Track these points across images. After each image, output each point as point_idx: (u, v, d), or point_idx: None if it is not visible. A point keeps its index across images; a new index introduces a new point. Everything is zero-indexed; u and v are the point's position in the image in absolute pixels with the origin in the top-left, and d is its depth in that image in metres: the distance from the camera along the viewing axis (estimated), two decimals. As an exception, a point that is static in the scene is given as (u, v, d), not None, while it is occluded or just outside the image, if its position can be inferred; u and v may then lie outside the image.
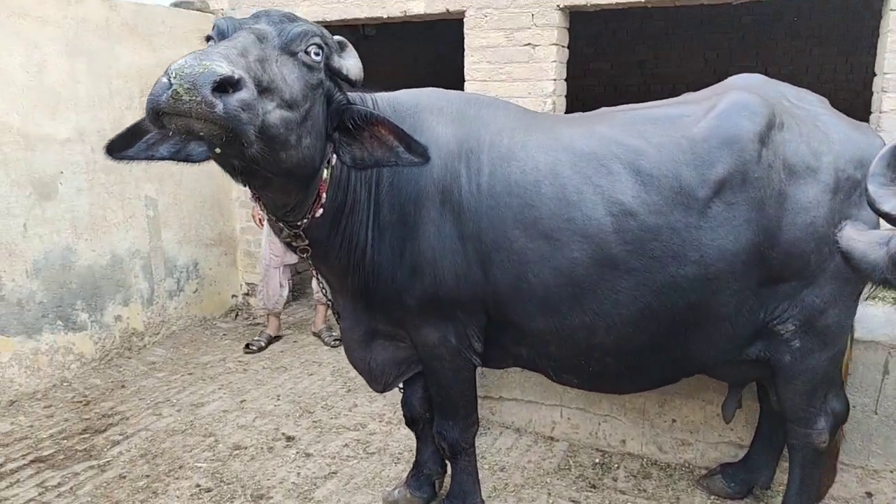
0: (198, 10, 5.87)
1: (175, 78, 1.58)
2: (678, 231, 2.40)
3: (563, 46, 4.54)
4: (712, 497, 3.29)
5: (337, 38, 2.24)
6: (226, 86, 1.63)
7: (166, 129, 1.69)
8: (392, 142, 2.18)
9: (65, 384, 4.61)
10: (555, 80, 4.49)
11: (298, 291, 6.46)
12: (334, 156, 2.33)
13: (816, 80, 8.41)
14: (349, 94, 2.45)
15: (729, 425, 3.46)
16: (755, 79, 2.72)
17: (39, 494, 3.33)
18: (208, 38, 2.06)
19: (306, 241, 2.44)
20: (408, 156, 2.18)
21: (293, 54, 2.00)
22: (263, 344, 5.32)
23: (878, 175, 1.39)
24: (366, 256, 2.55)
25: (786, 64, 8.56)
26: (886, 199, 1.34)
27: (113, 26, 4.99)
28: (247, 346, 5.29)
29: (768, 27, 8.58)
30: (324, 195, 2.33)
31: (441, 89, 2.78)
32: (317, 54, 2.03)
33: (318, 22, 5.28)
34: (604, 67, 9.64)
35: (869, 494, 3.28)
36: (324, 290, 2.90)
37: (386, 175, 2.51)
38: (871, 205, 1.37)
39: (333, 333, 5.43)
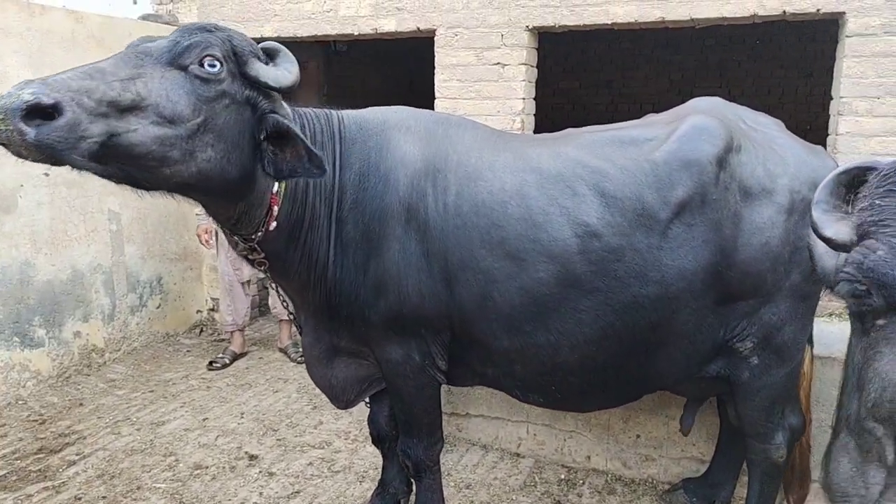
0: (166, 23, 5.82)
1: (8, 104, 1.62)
2: (640, 252, 2.44)
3: (531, 66, 4.61)
4: (676, 513, 3.32)
5: (267, 44, 2.24)
6: (40, 112, 1.65)
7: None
8: (301, 151, 2.16)
9: (20, 402, 4.47)
10: (524, 98, 4.55)
11: (264, 307, 6.39)
12: None
13: (778, 101, 8.65)
14: (301, 109, 2.48)
15: (691, 441, 3.51)
16: (715, 102, 2.79)
17: (-11, 518, 3.22)
18: None
19: (262, 255, 2.45)
20: (310, 166, 2.16)
21: (183, 68, 1.99)
22: (228, 361, 5.24)
23: (822, 202, 1.44)
24: (327, 272, 2.54)
25: (748, 85, 8.80)
26: (828, 225, 1.39)
27: (79, 38, 4.92)
28: (210, 362, 5.21)
29: (731, 49, 8.82)
30: (275, 208, 2.33)
31: (410, 108, 2.78)
32: (212, 66, 2.00)
33: (288, 38, 5.30)
34: (572, 86, 9.80)
35: (827, 508, 3.34)
36: (285, 304, 2.89)
37: (349, 192, 2.50)
38: (815, 230, 1.42)
39: (300, 349, 5.36)
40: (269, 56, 2.23)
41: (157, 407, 4.48)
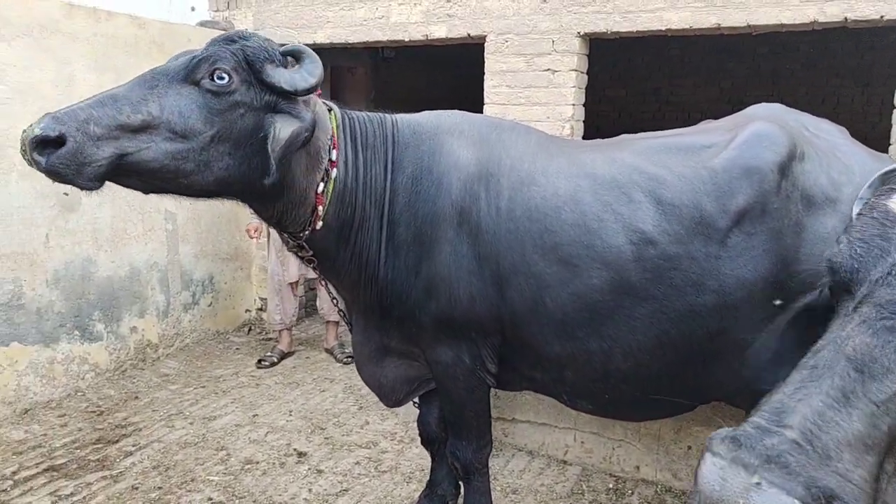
0: (222, 29, 5.98)
1: (21, 138, 1.91)
2: (697, 260, 2.41)
3: (582, 72, 4.60)
4: (727, 526, 3.26)
5: (291, 47, 2.27)
6: (52, 143, 1.89)
7: None
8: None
9: (79, 394, 4.64)
10: (573, 105, 4.54)
11: (311, 308, 6.49)
12: (335, 170, 2.42)
13: (833, 111, 8.42)
14: (355, 113, 2.57)
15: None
16: (776, 108, 2.74)
17: (52, 503, 3.34)
18: None
19: (311, 252, 2.53)
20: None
21: (196, 83, 2.10)
22: (276, 359, 5.34)
23: (862, 199, 1.42)
24: (378, 273, 2.58)
25: (802, 94, 8.59)
26: None
27: (141, 43, 5.10)
28: (259, 361, 5.32)
29: (784, 58, 8.63)
30: (320, 208, 2.40)
31: (463, 112, 2.81)
32: (221, 78, 2.09)
33: (340, 44, 5.40)
34: (619, 94, 9.71)
35: None
36: (335, 301, 2.96)
37: (401, 194, 2.54)
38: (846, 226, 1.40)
39: (346, 350, 5.44)
40: (296, 58, 2.26)
41: (208, 402, 4.60)
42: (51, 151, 1.89)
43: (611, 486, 3.62)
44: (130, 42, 5.02)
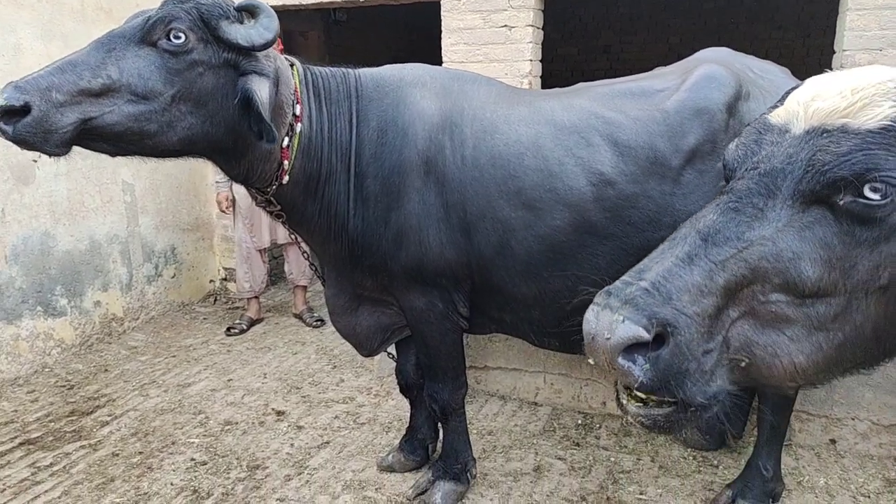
0: (168, -6, 5.83)
1: None
2: (653, 198, 2.54)
3: (538, 28, 4.66)
4: (689, 449, 3.48)
5: (242, 3, 2.26)
6: (18, 112, 1.93)
7: None
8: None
9: (46, 370, 4.58)
10: (531, 60, 4.61)
11: (276, 276, 6.50)
12: (299, 125, 2.45)
13: (777, 61, 8.71)
14: (317, 69, 2.59)
15: (703, 384, 3.66)
16: (723, 52, 2.89)
17: (32, 474, 3.34)
18: None
19: (279, 207, 2.59)
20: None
21: (153, 44, 2.12)
22: (245, 326, 5.36)
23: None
24: (348, 224, 2.65)
25: (746, 48, 8.81)
26: None
27: (88, 10, 4.94)
28: (229, 328, 5.32)
29: (729, 11, 8.85)
30: (286, 163, 2.44)
31: (424, 65, 2.86)
32: (178, 37, 2.11)
33: (293, 6, 5.32)
34: (571, 52, 9.82)
35: (833, 441, 3.51)
36: (306, 255, 3.03)
37: (367, 146, 2.60)
38: None
39: (315, 314, 5.49)
40: (251, 14, 2.26)
41: (181, 370, 4.61)
42: (16, 120, 1.92)
43: (580, 421, 3.81)
44: (77, 9, 4.86)
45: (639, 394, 1.31)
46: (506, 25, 4.59)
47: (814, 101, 1.31)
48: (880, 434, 3.47)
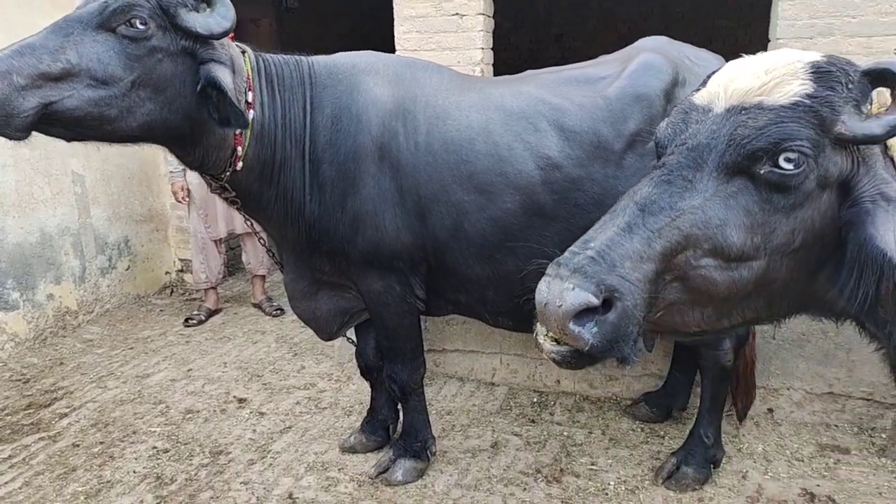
0: (115, -20, 5.71)
1: None
2: (598, 181, 2.67)
3: (489, 16, 4.75)
4: (638, 422, 3.66)
5: None
6: None
7: None
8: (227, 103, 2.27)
9: (0, 364, 4.51)
10: (482, 48, 4.71)
11: (233, 266, 6.47)
12: (251, 112, 2.50)
13: (721, 49, 9.00)
14: (269, 56, 2.62)
15: (650, 359, 3.85)
16: (661, 41, 3.04)
17: (-10, 468, 3.33)
18: None
19: (233, 193, 2.64)
20: (233, 120, 2.27)
21: (112, 30, 2.13)
22: (203, 317, 5.35)
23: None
24: (305, 210, 2.71)
25: (691, 36, 9.10)
26: None
27: (32, -2, 4.82)
28: (186, 319, 5.31)
29: (676, 4, 9.11)
30: (239, 149, 2.50)
31: (377, 52, 2.93)
32: (141, 24, 2.14)
33: (245, -7, 5.26)
34: (523, 41, 9.96)
35: (770, 410, 3.74)
36: (262, 241, 3.08)
37: (322, 133, 2.66)
38: None
39: (274, 303, 5.51)
40: (207, 3, 2.30)
41: (139, 362, 4.59)
42: None
43: (535, 400, 3.96)
44: (22, -5, 4.74)
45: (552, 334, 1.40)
46: (457, 14, 4.67)
47: (732, 83, 1.43)
48: (813, 402, 3.71)
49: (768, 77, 1.36)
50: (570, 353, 1.37)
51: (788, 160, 1.31)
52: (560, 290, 1.28)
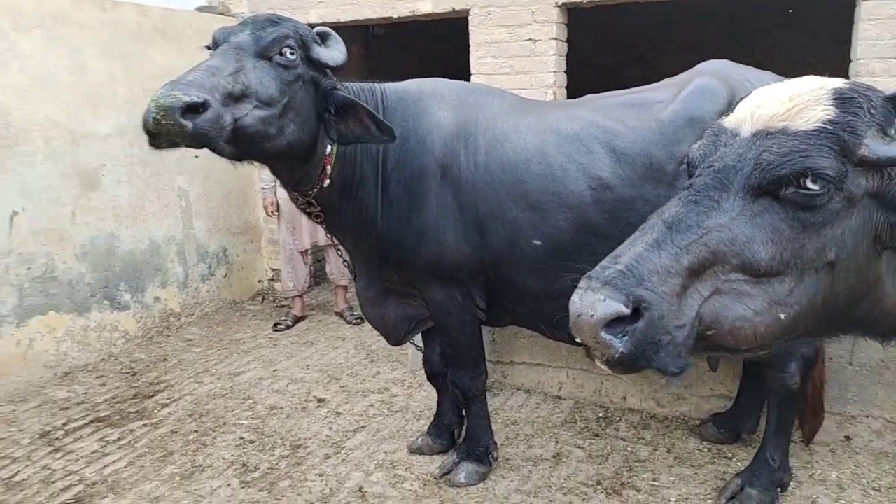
0: (220, 13, 6.28)
1: (154, 106, 2.03)
2: (650, 201, 2.72)
3: (561, 41, 4.92)
4: (705, 442, 3.66)
5: (319, 29, 2.62)
6: (194, 109, 2.06)
7: (158, 143, 2.13)
8: (366, 122, 2.56)
9: (112, 358, 5.03)
10: (555, 72, 4.87)
11: (319, 277, 6.87)
12: None
13: (813, 69, 8.69)
14: (349, 84, 2.87)
15: (719, 380, 3.84)
16: (721, 64, 3.10)
17: (101, 447, 3.74)
18: (209, 47, 2.49)
19: (318, 208, 2.90)
20: (379, 134, 2.57)
21: (269, 58, 2.40)
22: (290, 323, 5.74)
23: None
24: (376, 224, 2.94)
25: (780, 55, 8.89)
26: None
27: (144, 30, 5.40)
28: (275, 324, 5.71)
29: (759, 19, 8.91)
30: (328, 168, 2.75)
31: (444, 79, 3.16)
32: (292, 54, 2.42)
33: (331, 24, 5.70)
34: (605, 62, 9.99)
35: (847, 438, 3.64)
36: (339, 252, 3.32)
37: (392, 154, 2.90)
38: None
39: (355, 312, 5.82)
40: (322, 39, 2.63)
41: (231, 361, 5.00)
42: (192, 117, 2.06)
43: (600, 415, 4.02)
44: (134, 29, 5.32)
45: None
46: (530, 39, 4.86)
47: (758, 108, 1.51)
48: (895, 432, 3.58)
49: (792, 103, 1.44)
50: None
51: (814, 181, 1.38)
52: (592, 300, 1.36)
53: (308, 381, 4.61)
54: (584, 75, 9.52)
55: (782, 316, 1.50)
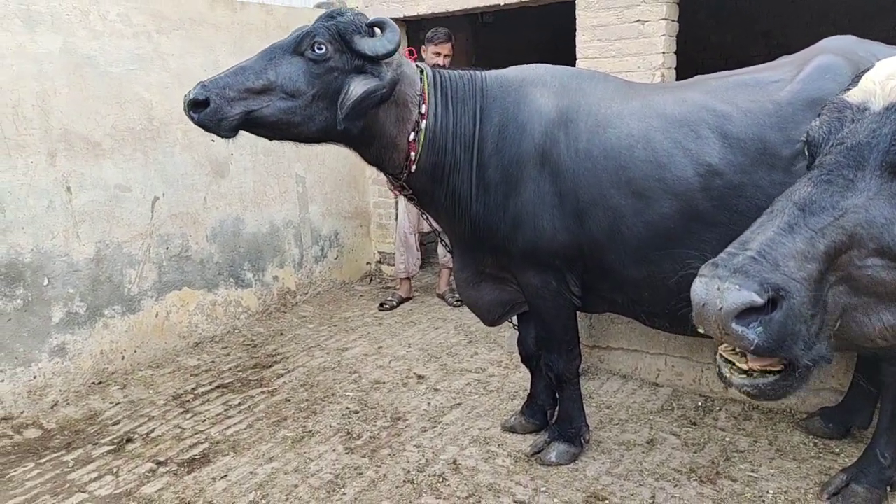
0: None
1: (185, 100, 2.56)
2: (762, 187, 2.60)
3: (672, 20, 4.76)
4: (811, 436, 3.50)
5: (375, 19, 2.77)
6: (202, 104, 2.52)
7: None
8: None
9: (236, 331, 5.52)
10: (664, 53, 4.72)
11: (424, 260, 7.10)
12: (424, 121, 2.89)
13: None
14: (446, 71, 3.01)
15: (830, 372, 3.63)
16: (846, 40, 2.87)
17: (225, 410, 4.15)
18: None
19: (410, 191, 3.06)
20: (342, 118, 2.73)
21: (301, 54, 2.64)
22: (395, 303, 6.01)
23: None
24: (471, 209, 3.03)
25: (926, 27, 8.04)
26: None
27: (269, 28, 5.80)
28: (381, 304, 6.01)
29: (906, -14, 8.09)
30: (412, 154, 2.88)
31: (547, 65, 3.17)
32: (320, 48, 2.62)
33: (441, 13, 5.83)
34: (724, 41, 9.49)
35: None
36: (436, 232, 3.45)
37: (489, 141, 2.96)
38: None
39: (455, 295, 5.99)
40: (380, 28, 2.75)
41: (340, 337, 5.33)
42: (201, 110, 2.53)
43: (699, 403, 3.94)
44: (261, 27, 5.73)
45: (741, 366, 1.39)
46: (639, 20, 4.74)
47: (889, 80, 1.41)
48: None
49: None
50: (769, 385, 1.36)
51: None
52: (718, 289, 1.27)
53: (409, 358, 4.83)
54: (702, 54, 9.14)
55: None
